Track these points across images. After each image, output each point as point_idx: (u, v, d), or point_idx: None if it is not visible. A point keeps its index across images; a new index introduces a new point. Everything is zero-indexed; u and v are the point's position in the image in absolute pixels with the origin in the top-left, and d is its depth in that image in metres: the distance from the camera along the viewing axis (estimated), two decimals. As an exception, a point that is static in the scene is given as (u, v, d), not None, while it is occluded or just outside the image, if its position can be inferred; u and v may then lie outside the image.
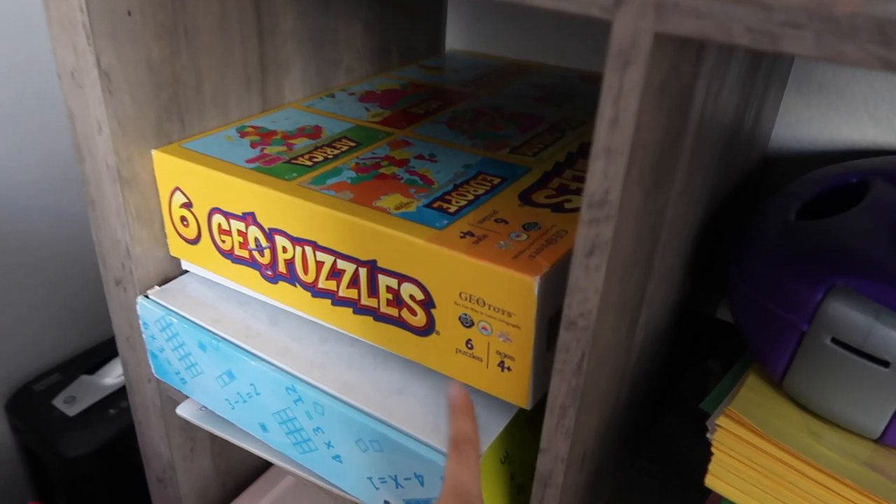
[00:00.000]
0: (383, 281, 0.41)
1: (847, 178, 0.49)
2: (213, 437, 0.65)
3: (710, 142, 0.39)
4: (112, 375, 1.00)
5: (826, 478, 0.32)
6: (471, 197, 0.43)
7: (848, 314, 0.34)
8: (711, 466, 0.34)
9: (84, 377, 1.00)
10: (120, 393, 0.98)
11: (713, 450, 0.34)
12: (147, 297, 0.52)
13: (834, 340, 0.35)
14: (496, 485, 0.40)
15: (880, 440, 0.35)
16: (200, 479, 0.66)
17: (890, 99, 0.55)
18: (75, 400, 0.96)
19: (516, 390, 0.38)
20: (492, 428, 0.41)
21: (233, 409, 0.49)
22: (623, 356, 0.38)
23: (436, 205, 0.42)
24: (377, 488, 0.43)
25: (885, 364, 0.33)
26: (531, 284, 0.35)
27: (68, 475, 0.94)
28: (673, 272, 0.42)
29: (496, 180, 0.45)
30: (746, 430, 0.34)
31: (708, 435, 0.35)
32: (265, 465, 0.74)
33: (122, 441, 0.95)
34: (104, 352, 1.04)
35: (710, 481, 0.34)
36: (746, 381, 0.39)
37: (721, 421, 0.34)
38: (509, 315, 0.36)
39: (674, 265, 0.42)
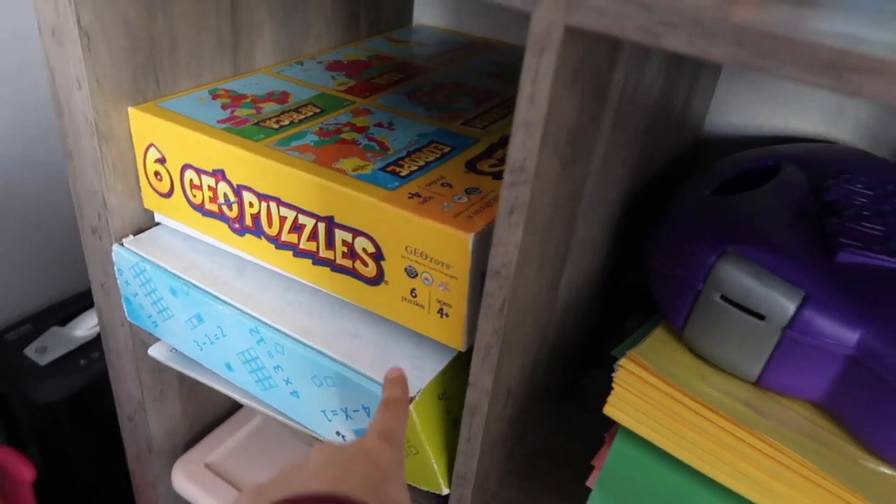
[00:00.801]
0: (339, 235, 0.45)
1: (764, 161, 0.54)
2: (182, 381, 0.70)
3: (633, 124, 0.44)
4: (83, 328, 1.04)
5: (706, 411, 0.38)
6: (422, 163, 0.48)
7: (734, 275, 0.40)
8: (610, 398, 0.40)
9: (55, 328, 1.03)
10: (90, 345, 1.01)
11: (613, 384, 0.40)
12: (122, 245, 0.56)
13: (722, 297, 0.40)
14: (434, 418, 0.45)
15: (757, 383, 0.41)
16: (169, 420, 0.71)
17: (807, 94, 0.61)
18: (46, 350, 1.00)
19: (453, 334, 0.43)
20: (432, 368, 0.46)
21: (201, 349, 0.54)
22: (546, 310, 0.43)
23: (389, 168, 0.46)
24: (329, 420, 0.49)
25: (762, 318, 0.39)
26: (466, 240, 0.40)
27: (38, 422, 0.97)
28: (599, 239, 0.48)
29: (446, 149, 0.50)
30: (643, 370, 0.39)
31: (613, 374, 0.41)
32: (231, 410, 0.79)
33: (92, 390, 0.99)
34: (75, 305, 1.07)
35: (609, 410, 0.40)
36: (653, 333, 0.45)
37: (623, 362, 0.40)
38: (448, 267, 0.41)
39: (599, 233, 0.47)
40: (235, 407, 0.80)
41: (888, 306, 0.39)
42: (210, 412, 0.76)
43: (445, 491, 0.46)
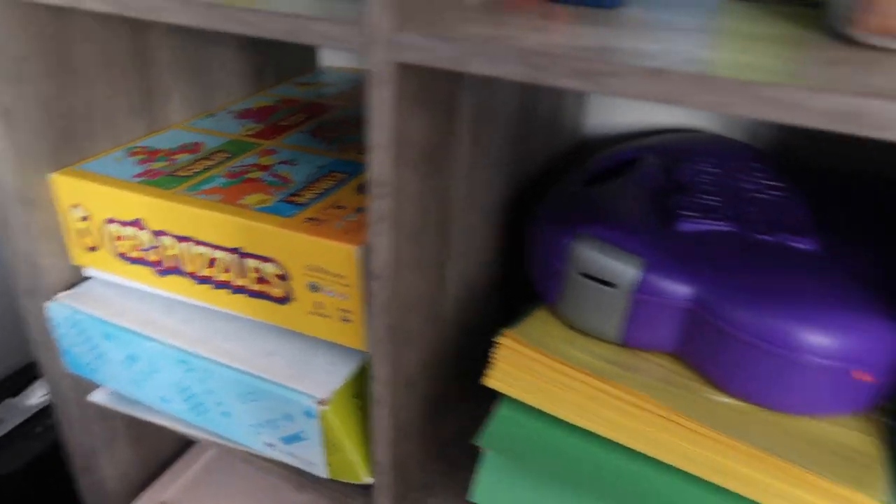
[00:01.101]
0: (249, 263, 0.51)
1: (627, 154, 0.62)
2: (130, 424, 0.73)
3: (497, 136, 0.51)
4: (35, 396, 1.05)
5: (575, 371, 0.44)
6: (320, 191, 0.53)
7: (587, 253, 0.46)
8: (491, 371, 0.46)
9: (8, 400, 1.05)
10: (45, 412, 1.03)
11: (493, 358, 0.46)
12: (56, 301, 0.60)
13: (581, 273, 0.47)
14: (351, 416, 0.50)
15: (621, 343, 0.48)
16: (123, 464, 0.74)
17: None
18: (1, 422, 1.01)
19: (357, 337, 0.49)
20: (344, 371, 0.51)
21: (137, 387, 0.58)
22: (436, 305, 0.49)
23: (290, 199, 0.52)
24: (259, 433, 0.53)
25: (613, 286, 0.46)
26: (352, 251, 0.45)
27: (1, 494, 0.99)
28: (483, 237, 0.54)
29: (343, 176, 0.56)
30: (518, 344, 0.45)
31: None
32: (183, 447, 0.82)
33: (51, 455, 1.01)
34: (26, 375, 1.09)
35: (489, 382, 0.46)
36: (534, 314, 0.51)
37: (500, 339, 0.46)
38: (343, 278, 0.47)
39: (482, 232, 0.53)
40: (188, 444, 0.83)
41: (720, 264, 0.46)
42: (162, 451, 0.80)
43: (368, 480, 0.51)
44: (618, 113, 0.72)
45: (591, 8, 0.42)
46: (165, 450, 0.80)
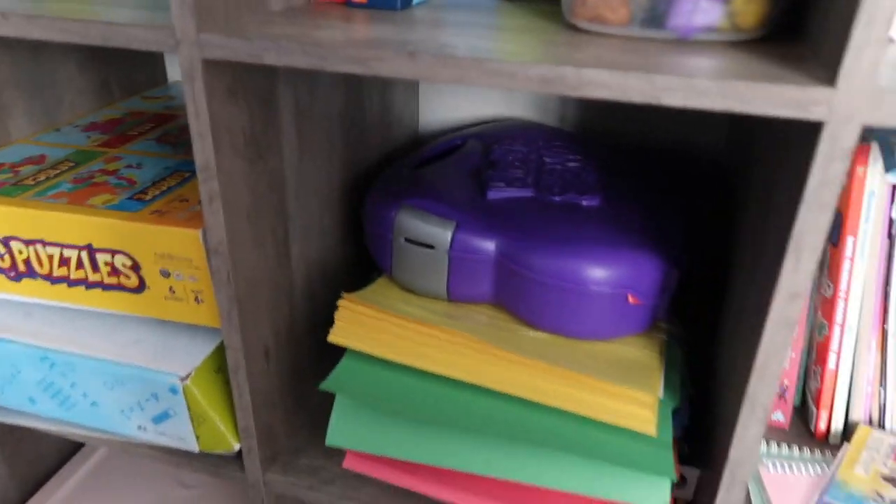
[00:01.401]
0: (101, 258, 0.54)
1: (454, 140, 0.70)
2: (2, 444, 0.74)
3: (323, 127, 0.57)
4: None
5: (405, 321, 0.51)
6: (164, 188, 0.58)
7: (408, 221, 0.53)
8: (333, 329, 0.52)
9: None
10: None
11: (335, 319, 0.52)
12: None
13: (406, 240, 0.54)
14: (214, 389, 0.55)
15: (449, 298, 0.55)
16: (-4, 483, 0.74)
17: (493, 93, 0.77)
18: None
19: (211, 315, 0.54)
20: (206, 349, 0.56)
21: (2, 393, 0.60)
22: (283, 279, 0.55)
23: (136, 197, 0.56)
24: (129, 418, 0.57)
25: (432, 247, 0.53)
26: (196, 235, 0.50)
27: None
28: (321, 219, 0.60)
29: (187, 174, 0.60)
30: (356, 304, 0.52)
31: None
32: (63, 459, 0.83)
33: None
34: None
35: (332, 338, 0.52)
36: (377, 281, 0.57)
37: (340, 302, 0.52)
38: (191, 261, 0.51)
39: (322, 213, 0.59)
40: (68, 454, 0.84)
41: (520, 222, 0.54)
42: (40, 464, 0.80)
43: (236, 446, 0.56)
44: (449, 109, 0.80)
45: (383, 10, 0.49)
46: (44, 461, 0.80)
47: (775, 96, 0.32)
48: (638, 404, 0.46)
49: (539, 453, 0.48)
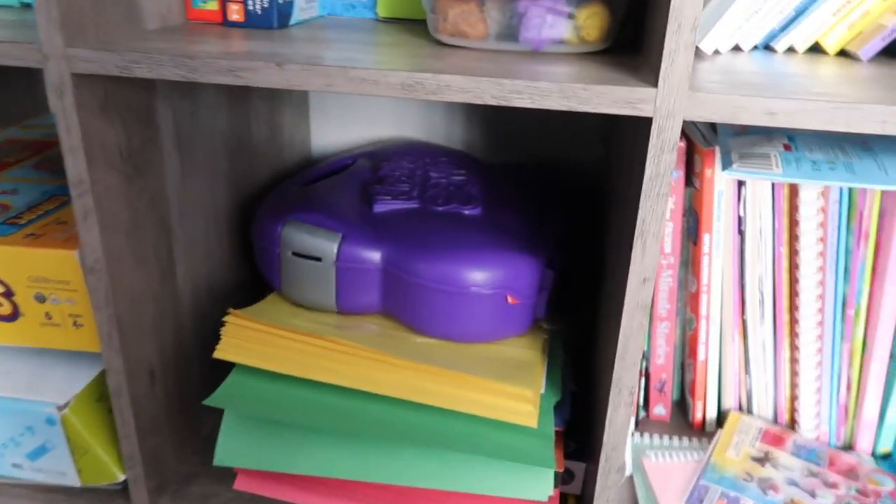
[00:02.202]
0: (-30, 286, 0.52)
1: (345, 160, 0.71)
2: None
3: (206, 147, 0.57)
4: None
5: (293, 334, 0.51)
6: (41, 212, 0.56)
7: (294, 235, 0.54)
8: (218, 346, 0.52)
9: None
10: None
11: (221, 334, 0.52)
12: None
13: (293, 253, 0.55)
14: (95, 419, 0.53)
15: (340, 311, 0.56)
16: None
17: (379, 110, 0.80)
18: None
19: (90, 340, 0.52)
20: (85, 375, 0.54)
21: None
22: (168, 298, 0.54)
23: (10, 222, 0.54)
24: (1, 455, 0.54)
25: (319, 259, 0.54)
26: (72, 255, 0.49)
27: None
28: (209, 238, 0.60)
29: (66, 199, 0.59)
30: (242, 320, 0.52)
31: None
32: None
33: None
34: None
35: (218, 353, 0.52)
36: (267, 298, 0.58)
37: (227, 318, 0.52)
38: (68, 283, 0.50)
39: (207, 233, 0.59)
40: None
41: (405, 232, 0.55)
42: None
43: (121, 477, 0.54)
44: (341, 131, 0.82)
45: (261, 29, 0.50)
46: None
47: (608, 96, 0.36)
48: (519, 399, 0.48)
49: (427, 456, 0.49)
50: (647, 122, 0.37)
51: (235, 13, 0.50)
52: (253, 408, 0.49)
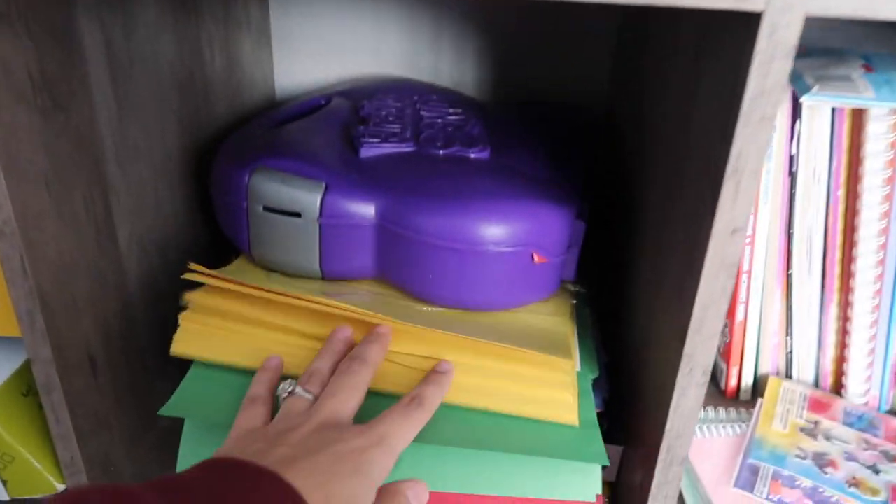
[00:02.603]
0: None
1: (317, 99, 0.60)
2: None
3: (151, 76, 0.46)
4: None
5: (278, 294, 0.41)
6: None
7: (265, 185, 0.44)
8: (176, 337, 0.41)
9: None
10: None
11: (180, 321, 0.42)
12: None
13: (265, 208, 0.44)
14: (22, 417, 0.43)
15: (324, 277, 0.46)
16: None
17: (349, 42, 0.68)
18: None
19: (8, 321, 0.41)
20: (7, 366, 0.43)
21: None
22: (110, 265, 0.43)
23: None
24: None
25: (299, 215, 0.44)
26: (-24, 216, 0.38)
27: None
28: (158, 193, 0.48)
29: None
30: (207, 278, 0.41)
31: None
32: None
33: None
34: None
35: (175, 348, 0.42)
36: (234, 263, 0.47)
37: (189, 275, 0.42)
38: (-27, 252, 0.39)
39: (155, 187, 0.48)
40: None
41: (401, 180, 0.46)
42: None
43: (59, 486, 0.44)
44: (309, 69, 0.70)
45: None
46: None
47: (712, -18, 0.26)
48: (555, 386, 0.39)
49: (447, 452, 0.40)
50: (751, 20, 0.27)
51: None
52: (217, 413, 0.40)
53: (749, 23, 0.28)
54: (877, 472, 0.48)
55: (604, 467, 0.42)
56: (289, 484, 0.28)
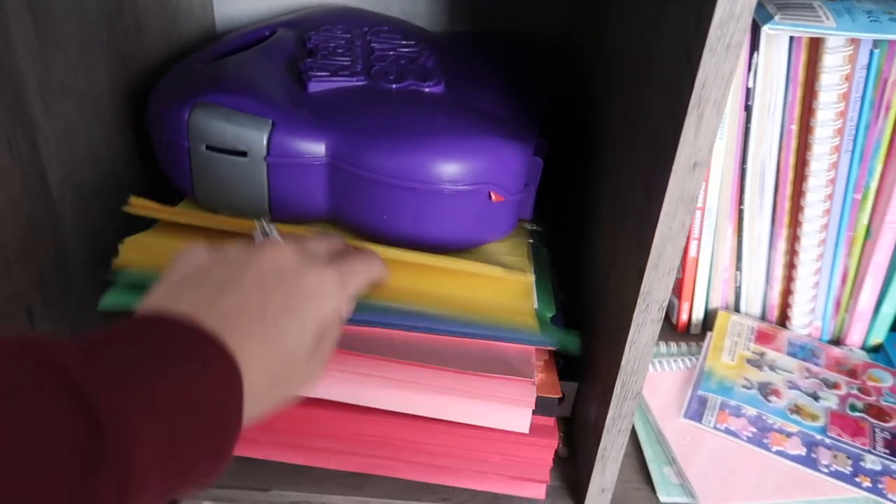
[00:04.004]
0: None
1: (262, 31, 0.57)
2: None
3: (72, 4, 0.42)
4: None
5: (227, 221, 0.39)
6: None
7: (207, 122, 0.41)
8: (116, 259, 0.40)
9: None
10: None
11: (118, 250, 0.40)
12: None
13: (207, 147, 0.42)
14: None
15: (274, 219, 0.44)
16: None
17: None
18: None
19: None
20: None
21: None
22: (41, 210, 0.40)
23: None
24: None
25: (245, 154, 0.41)
26: None
27: None
28: (88, 131, 0.45)
29: None
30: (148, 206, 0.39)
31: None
32: None
33: None
34: None
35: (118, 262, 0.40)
36: (178, 206, 0.45)
37: (122, 245, 0.40)
38: None
39: (85, 125, 0.45)
40: None
41: (351, 115, 0.44)
42: None
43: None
44: (249, 1, 0.66)
45: None
46: None
47: None
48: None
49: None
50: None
51: None
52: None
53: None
54: (816, 398, 0.50)
55: (559, 402, 0.42)
56: (223, 348, 0.26)
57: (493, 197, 0.42)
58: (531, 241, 0.47)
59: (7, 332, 0.28)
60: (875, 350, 0.57)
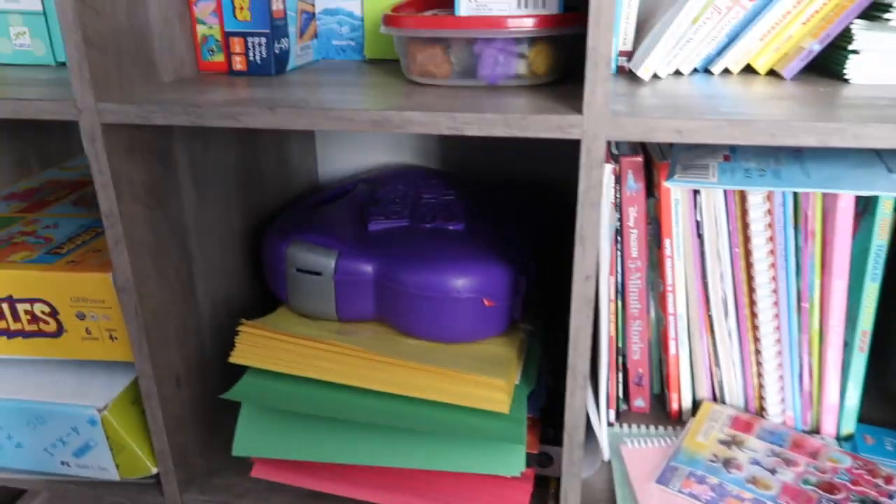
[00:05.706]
0: (21, 307, 0.60)
1: (347, 186, 0.79)
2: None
3: (217, 179, 0.65)
4: None
5: (299, 339, 0.58)
6: (79, 242, 0.64)
7: (298, 253, 0.62)
8: (234, 352, 0.59)
9: None
10: None
11: (236, 342, 0.59)
12: None
13: (297, 270, 0.62)
14: (131, 419, 0.61)
15: (340, 319, 0.63)
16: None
17: (375, 139, 0.87)
18: None
19: (124, 351, 0.60)
20: (121, 382, 0.62)
21: (-72, 445, 0.64)
22: (191, 313, 0.62)
23: (53, 252, 0.63)
24: (52, 455, 0.61)
25: (319, 274, 0.61)
26: (107, 278, 0.57)
27: None
28: (224, 259, 0.67)
29: (100, 230, 0.67)
30: (254, 329, 0.59)
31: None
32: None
33: None
34: None
35: (233, 357, 0.59)
36: (277, 311, 0.65)
37: (241, 328, 0.59)
38: (103, 302, 0.58)
39: (222, 255, 0.67)
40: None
41: (395, 247, 0.63)
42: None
43: (154, 470, 0.61)
44: (345, 160, 0.90)
45: (261, 76, 0.58)
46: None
47: (544, 124, 0.42)
48: (493, 389, 0.54)
49: (415, 440, 0.55)
50: (578, 143, 0.43)
51: (239, 63, 0.58)
52: (265, 401, 0.57)
53: (577, 145, 0.44)
54: (774, 472, 0.60)
55: (547, 463, 0.56)
56: None
57: (486, 303, 0.59)
58: (523, 336, 0.63)
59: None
60: (847, 439, 0.65)
